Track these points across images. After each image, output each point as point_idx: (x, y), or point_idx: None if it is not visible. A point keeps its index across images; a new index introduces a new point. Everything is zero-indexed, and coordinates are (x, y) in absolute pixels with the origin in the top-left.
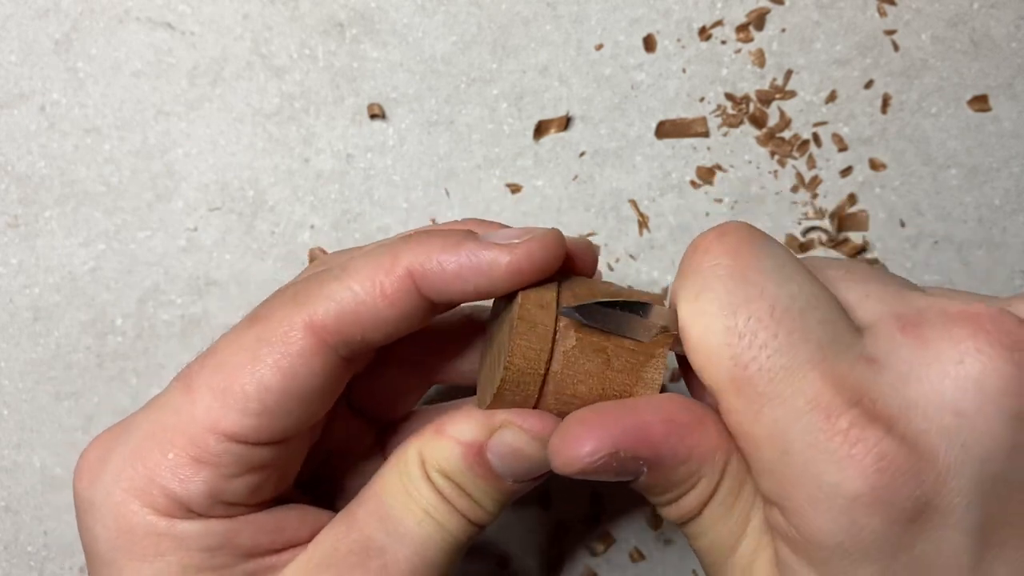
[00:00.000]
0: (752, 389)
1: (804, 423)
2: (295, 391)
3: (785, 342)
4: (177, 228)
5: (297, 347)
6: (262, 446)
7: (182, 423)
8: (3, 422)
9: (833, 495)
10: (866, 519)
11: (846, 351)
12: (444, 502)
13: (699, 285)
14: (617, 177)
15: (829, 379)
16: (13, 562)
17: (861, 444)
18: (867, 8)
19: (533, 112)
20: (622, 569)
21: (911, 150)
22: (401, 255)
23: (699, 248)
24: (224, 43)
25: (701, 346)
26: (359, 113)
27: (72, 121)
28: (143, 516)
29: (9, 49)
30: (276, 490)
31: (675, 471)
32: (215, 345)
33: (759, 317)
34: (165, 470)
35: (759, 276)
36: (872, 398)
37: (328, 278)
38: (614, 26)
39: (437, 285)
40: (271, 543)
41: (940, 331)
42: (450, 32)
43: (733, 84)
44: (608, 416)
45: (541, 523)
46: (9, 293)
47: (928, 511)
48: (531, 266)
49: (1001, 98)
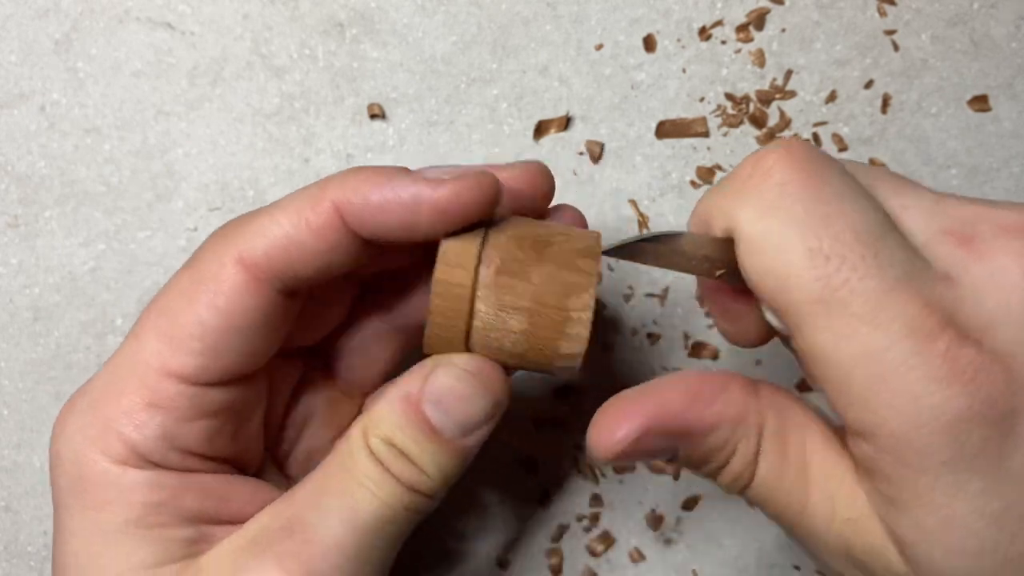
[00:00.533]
0: (845, 311)
1: (903, 347)
2: (233, 328)
3: (874, 265)
4: (177, 228)
5: (228, 283)
6: (213, 387)
7: (134, 367)
8: (3, 422)
9: (937, 415)
10: (969, 433)
11: (926, 270)
12: (380, 469)
13: (767, 204)
14: (617, 177)
15: (921, 301)
16: (13, 562)
17: (959, 363)
18: (867, 8)
19: (533, 112)
20: (622, 569)
21: (911, 150)
22: (328, 189)
23: (760, 167)
24: (224, 43)
25: (776, 267)
26: (359, 113)
27: (72, 121)
28: (99, 464)
29: (9, 49)
30: (233, 445)
31: (707, 439)
32: (159, 292)
33: (844, 239)
34: (120, 415)
35: (832, 194)
36: (958, 317)
37: (257, 214)
38: (614, 26)
39: (362, 218)
40: (215, 510)
41: (996, 243)
42: (450, 32)
43: (733, 84)
44: (633, 399)
45: (541, 523)
46: (9, 293)
47: (1022, 419)
48: (457, 206)
49: (1001, 98)
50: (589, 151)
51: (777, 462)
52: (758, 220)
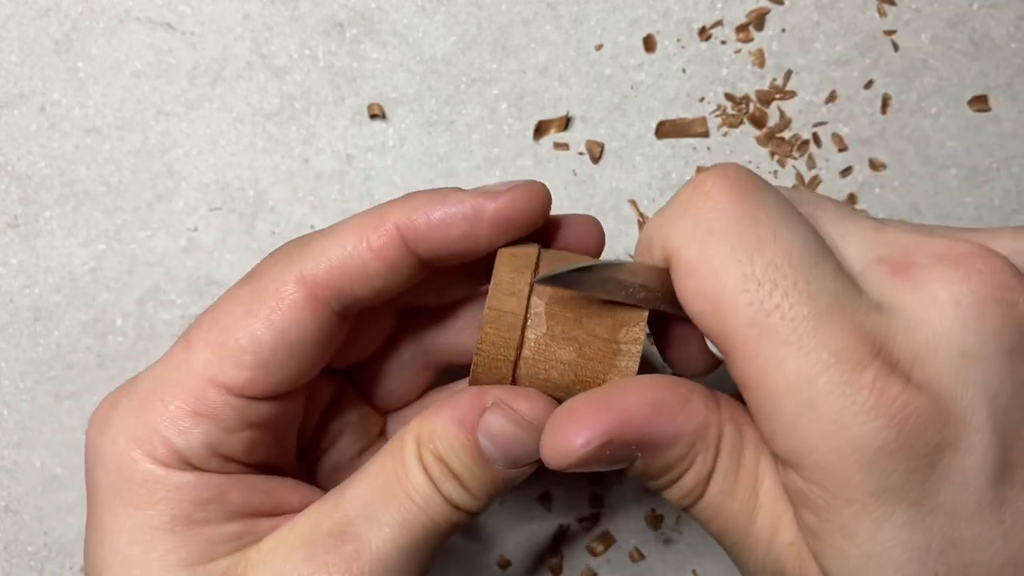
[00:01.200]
0: (775, 337)
1: (831, 375)
2: (287, 344)
3: (805, 291)
4: (177, 228)
5: (288, 301)
6: (259, 401)
7: (182, 376)
8: (3, 422)
9: (861, 446)
10: (893, 466)
11: (858, 299)
12: (431, 486)
13: (704, 229)
14: (617, 177)
15: (852, 329)
16: (13, 562)
17: (886, 394)
18: (867, 8)
19: (533, 112)
20: (622, 569)
21: (911, 150)
22: (389, 211)
23: (699, 191)
24: (224, 43)
25: (711, 292)
26: (359, 113)
27: (72, 121)
28: (143, 464)
29: (9, 49)
30: (271, 455)
31: (667, 452)
32: (214, 304)
33: (777, 264)
34: (166, 421)
35: (769, 219)
36: (889, 346)
37: (319, 236)
38: (614, 26)
39: (423, 236)
40: (260, 504)
41: (931, 272)
42: (450, 32)
43: (733, 84)
44: (595, 405)
45: (541, 523)
46: (9, 293)
47: (949, 452)
48: (515, 214)
49: (1001, 98)
50: (589, 151)
51: (730, 480)
52: (694, 244)
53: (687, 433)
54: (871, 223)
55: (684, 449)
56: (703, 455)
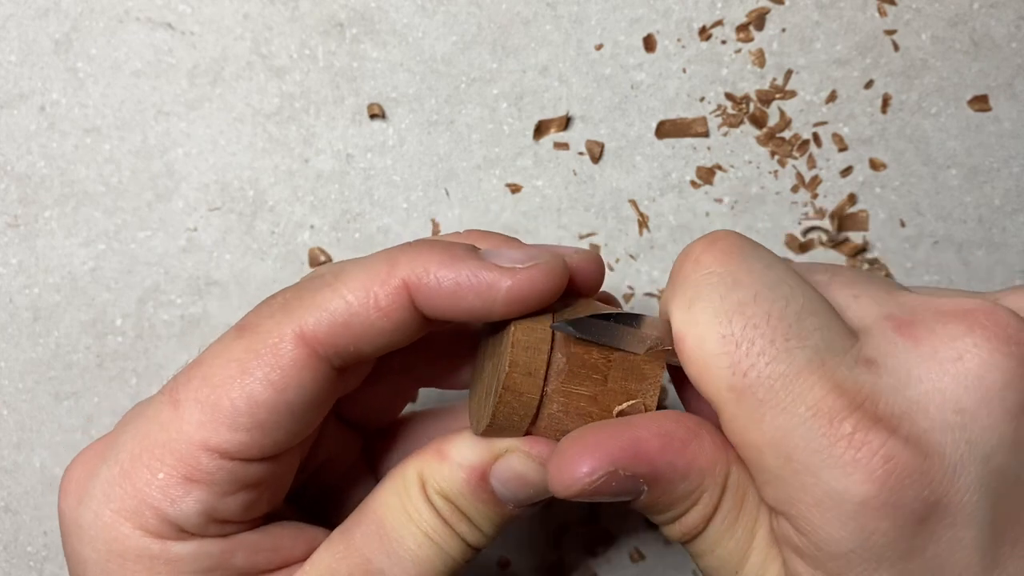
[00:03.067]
0: (752, 396)
1: (806, 429)
2: (286, 404)
3: (783, 348)
4: (177, 228)
5: (288, 359)
6: (255, 462)
7: (171, 440)
8: (3, 422)
9: (841, 501)
10: (876, 523)
11: (844, 355)
12: (444, 525)
13: (691, 294)
14: (617, 177)
15: (829, 383)
16: (13, 562)
17: (866, 448)
18: (867, 8)
19: (533, 112)
20: (622, 569)
21: (911, 150)
22: (398, 265)
23: (689, 258)
24: (224, 43)
25: (696, 355)
26: (359, 113)
27: (72, 121)
28: (135, 539)
29: (9, 49)
30: (269, 506)
31: (675, 487)
32: (202, 356)
33: (755, 323)
34: (155, 490)
35: (752, 281)
36: (874, 401)
37: (320, 285)
38: (614, 26)
39: (433, 300)
40: (267, 562)
41: (935, 329)
42: (450, 32)
43: (733, 84)
44: (604, 435)
45: (541, 523)
46: (9, 293)
47: (938, 510)
48: (532, 293)
49: (1001, 98)
50: (589, 151)
51: (730, 520)
52: (685, 309)
53: (696, 469)
54: (887, 286)
55: (692, 485)
56: (709, 493)
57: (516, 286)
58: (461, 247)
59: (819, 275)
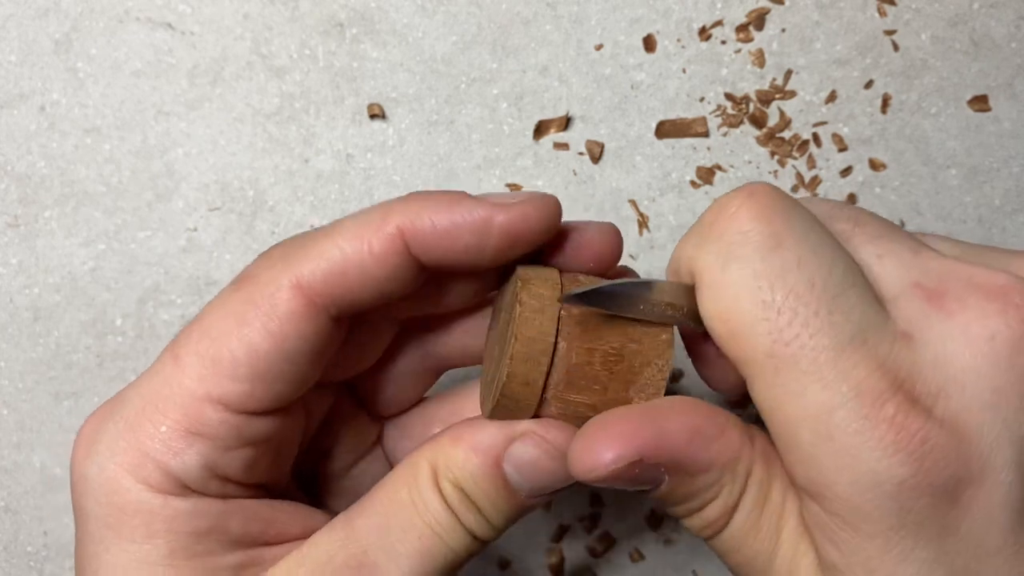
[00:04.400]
0: (794, 368)
1: (849, 409)
2: (285, 354)
3: (827, 320)
4: (177, 228)
5: (285, 308)
6: (257, 416)
7: (173, 393)
8: (3, 422)
9: (880, 481)
10: (913, 503)
11: (883, 328)
12: (451, 516)
13: (727, 253)
14: (617, 177)
15: (874, 362)
16: (13, 562)
17: (906, 430)
18: (867, 8)
19: (533, 112)
20: (622, 569)
21: (911, 150)
22: (392, 212)
23: (724, 212)
24: (224, 43)
25: (731, 319)
26: (359, 113)
27: (72, 121)
28: (136, 492)
29: (9, 49)
30: (270, 473)
31: (696, 480)
32: (202, 311)
33: (799, 292)
34: (159, 443)
35: (794, 243)
36: (912, 380)
37: (316, 236)
38: (614, 26)
39: (428, 243)
40: (261, 533)
41: (968, 303)
42: (450, 32)
43: (733, 84)
44: (631, 423)
45: (541, 523)
46: (9, 293)
47: (972, 489)
48: (526, 227)
49: (1001, 98)
50: (589, 151)
51: (755, 515)
52: (717, 268)
53: (719, 463)
54: (910, 243)
55: (713, 478)
56: (730, 487)
57: (509, 220)
58: (453, 192)
59: (840, 223)
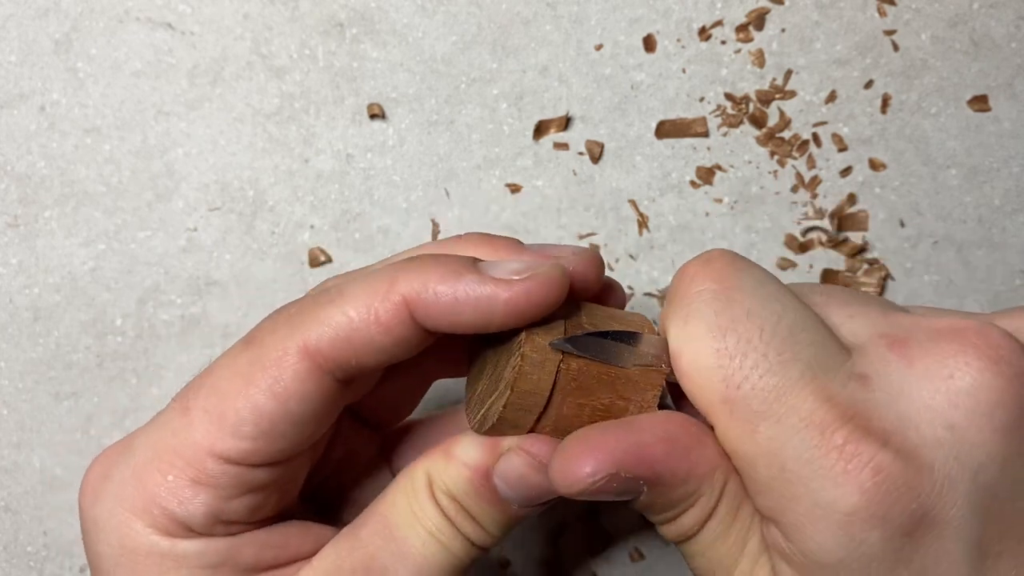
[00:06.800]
0: (746, 408)
1: (799, 440)
2: (289, 414)
3: (776, 361)
4: (177, 228)
5: (291, 371)
6: (259, 467)
7: (180, 445)
8: (3, 422)
9: (831, 511)
10: (864, 534)
11: (837, 369)
12: (449, 524)
13: (686, 310)
14: (617, 177)
15: (822, 396)
16: (13, 562)
17: (856, 459)
18: (867, 8)
19: (533, 112)
20: (622, 569)
21: (911, 150)
22: (398, 281)
23: (685, 276)
24: (224, 43)
25: (692, 370)
26: (359, 113)
27: (72, 121)
28: (145, 536)
29: (9, 49)
30: (277, 508)
31: (674, 490)
32: (211, 366)
33: (748, 338)
34: (165, 491)
35: (744, 298)
36: (865, 415)
37: (323, 301)
38: (614, 26)
39: (432, 315)
40: (274, 558)
41: (928, 347)
42: (450, 32)
43: (733, 84)
44: (608, 436)
45: (541, 523)
46: (9, 293)
47: (925, 523)
48: (529, 305)
49: (1001, 98)
50: (589, 151)
51: (725, 525)
52: (680, 327)
53: (696, 474)
54: (883, 306)
55: (691, 488)
56: (706, 497)
57: (513, 299)
58: (459, 261)
59: (815, 296)
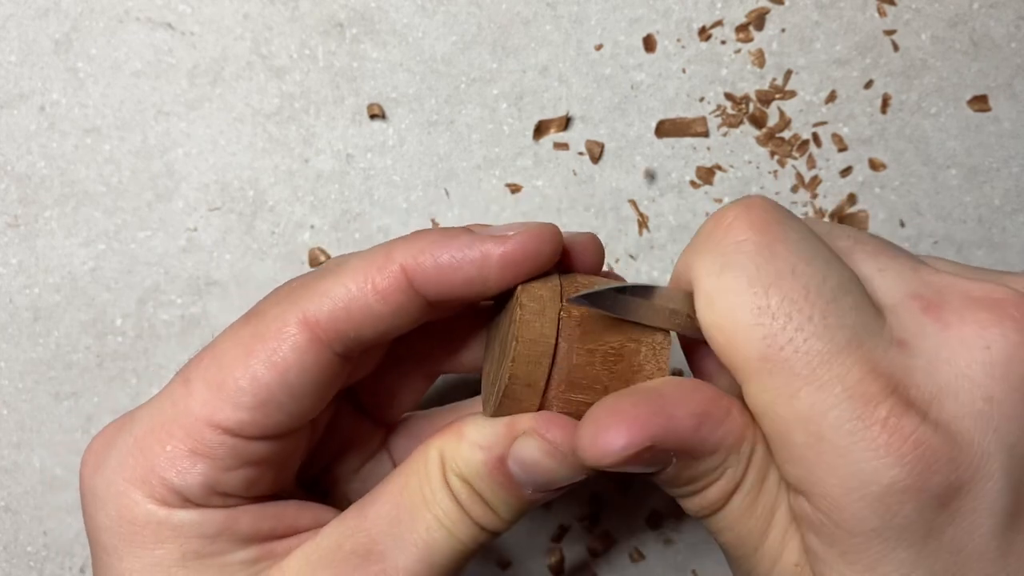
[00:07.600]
0: (788, 371)
1: (842, 410)
2: (287, 386)
3: (821, 325)
4: (177, 228)
5: (290, 342)
6: (257, 440)
7: (180, 416)
8: (3, 422)
9: (869, 482)
10: (900, 505)
11: (878, 335)
12: (458, 508)
13: (722, 261)
14: (617, 177)
15: (868, 365)
16: (13, 562)
17: (899, 433)
18: (867, 8)
19: (533, 112)
20: (622, 569)
21: (911, 150)
22: (395, 251)
23: (722, 223)
24: (224, 43)
25: (726, 324)
26: (359, 113)
27: (72, 121)
28: (143, 506)
29: (9, 49)
30: (273, 485)
31: (702, 463)
32: (214, 341)
33: (793, 298)
34: (164, 461)
35: (789, 253)
36: (906, 384)
37: (323, 274)
38: (614, 26)
39: (430, 279)
40: (271, 530)
41: (964, 315)
42: (450, 32)
43: (733, 84)
44: (641, 408)
45: (541, 523)
46: (9, 293)
47: (960, 496)
48: (524, 257)
49: (1001, 98)
50: (589, 151)
51: (751, 497)
52: (714, 276)
53: (725, 445)
54: (911, 260)
55: (718, 460)
56: (733, 469)
57: (508, 251)
58: (454, 228)
59: (841, 241)
